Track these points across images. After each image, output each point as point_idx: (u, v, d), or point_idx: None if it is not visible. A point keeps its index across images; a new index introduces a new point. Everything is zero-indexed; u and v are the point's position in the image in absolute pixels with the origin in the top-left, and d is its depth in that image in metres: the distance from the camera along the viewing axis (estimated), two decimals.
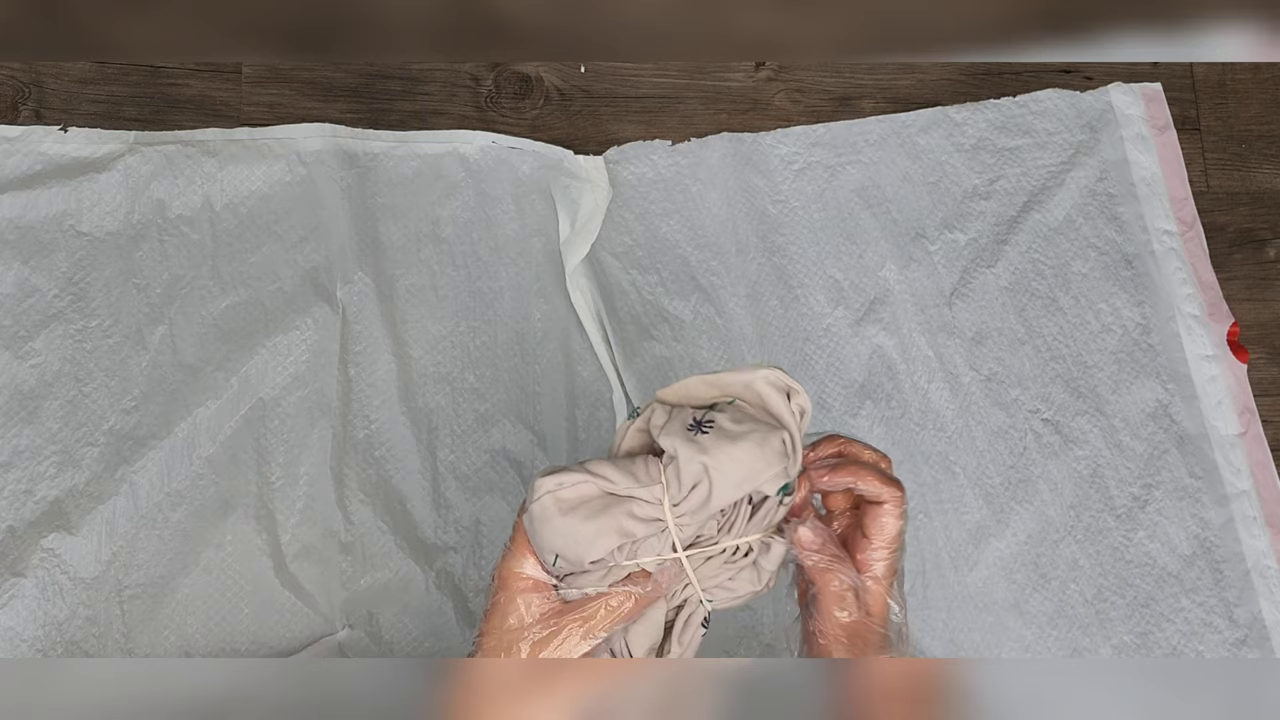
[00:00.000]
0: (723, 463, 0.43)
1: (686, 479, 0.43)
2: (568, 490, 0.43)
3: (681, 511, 0.43)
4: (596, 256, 0.79)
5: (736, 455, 0.43)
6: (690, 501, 0.43)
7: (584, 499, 0.43)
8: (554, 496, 0.43)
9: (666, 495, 0.43)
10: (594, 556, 0.43)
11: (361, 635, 0.68)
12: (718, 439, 0.43)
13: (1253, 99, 0.89)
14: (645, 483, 0.43)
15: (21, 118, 0.77)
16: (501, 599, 0.45)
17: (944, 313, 0.80)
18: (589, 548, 0.43)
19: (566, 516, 0.43)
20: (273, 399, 0.72)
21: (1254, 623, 0.75)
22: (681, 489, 0.43)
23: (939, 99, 0.86)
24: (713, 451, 0.43)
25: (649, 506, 0.43)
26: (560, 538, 0.43)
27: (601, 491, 0.43)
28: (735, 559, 0.45)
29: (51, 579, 0.66)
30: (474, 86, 0.83)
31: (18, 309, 0.72)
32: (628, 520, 0.43)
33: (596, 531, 0.43)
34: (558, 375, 0.76)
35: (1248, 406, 0.80)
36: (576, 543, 0.43)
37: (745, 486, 0.44)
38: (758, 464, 0.43)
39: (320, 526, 0.70)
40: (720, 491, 0.43)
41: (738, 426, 0.44)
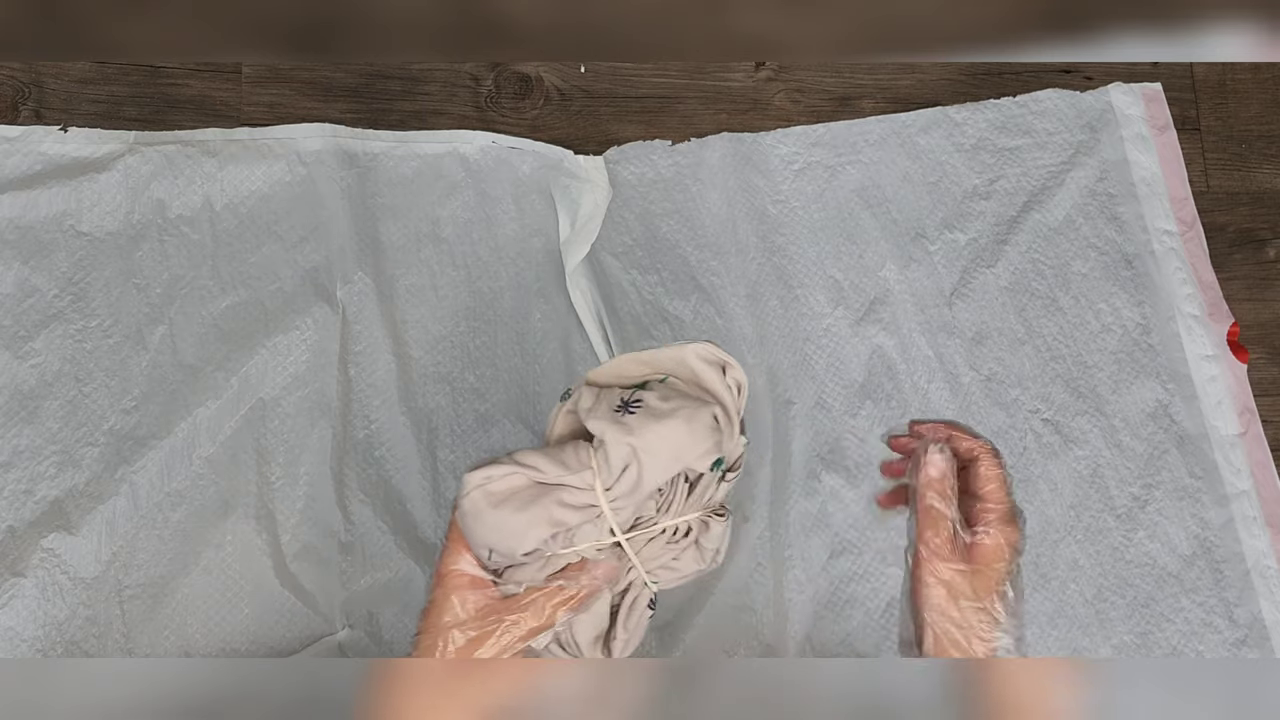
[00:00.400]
0: (650, 442, 0.42)
1: (616, 462, 0.42)
2: (497, 483, 0.42)
3: (614, 495, 0.42)
4: (596, 256, 0.79)
5: (663, 434, 0.42)
6: (622, 484, 0.42)
7: (514, 490, 0.42)
8: (483, 490, 0.42)
9: (599, 480, 0.42)
10: (526, 548, 0.42)
11: (361, 635, 0.68)
12: (644, 419, 0.42)
13: (1253, 99, 0.89)
14: (575, 469, 0.42)
15: (21, 118, 0.77)
16: (438, 595, 0.44)
17: (944, 313, 0.80)
18: (520, 539, 0.42)
19: (497, 509, 0.42)
20: (273, 399, 0.72)
21: (1254, 623, 0.75)
22: (612, 473, 0.42)
23: (939, 99, 0.86)
24: (639, 432, 0.42)
25: (581, 493, 0.42)
26: (492, 532, 0.42)
27: (531, 481, 0.42)
28: (676, 539, 0.45)
29: (51, 579, 0.66)
30: (474, 86, 0.83)
31: (18, 309, 0.72)
32: (559, 509, 0.42)
33: (528, 522, 0.42)
34: (558, 375, 0.76)
35: (1248, 406, 0.80)
36: (508, 535, 0.42)
37: (675, 466, 0.43)
38: (685, 441, 0.42)
39: (320, 526, 0.70)
40: (650, 472, 0.42)
41: (665, 404, 0.43)
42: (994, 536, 0.45)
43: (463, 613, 0.44)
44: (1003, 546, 0.45)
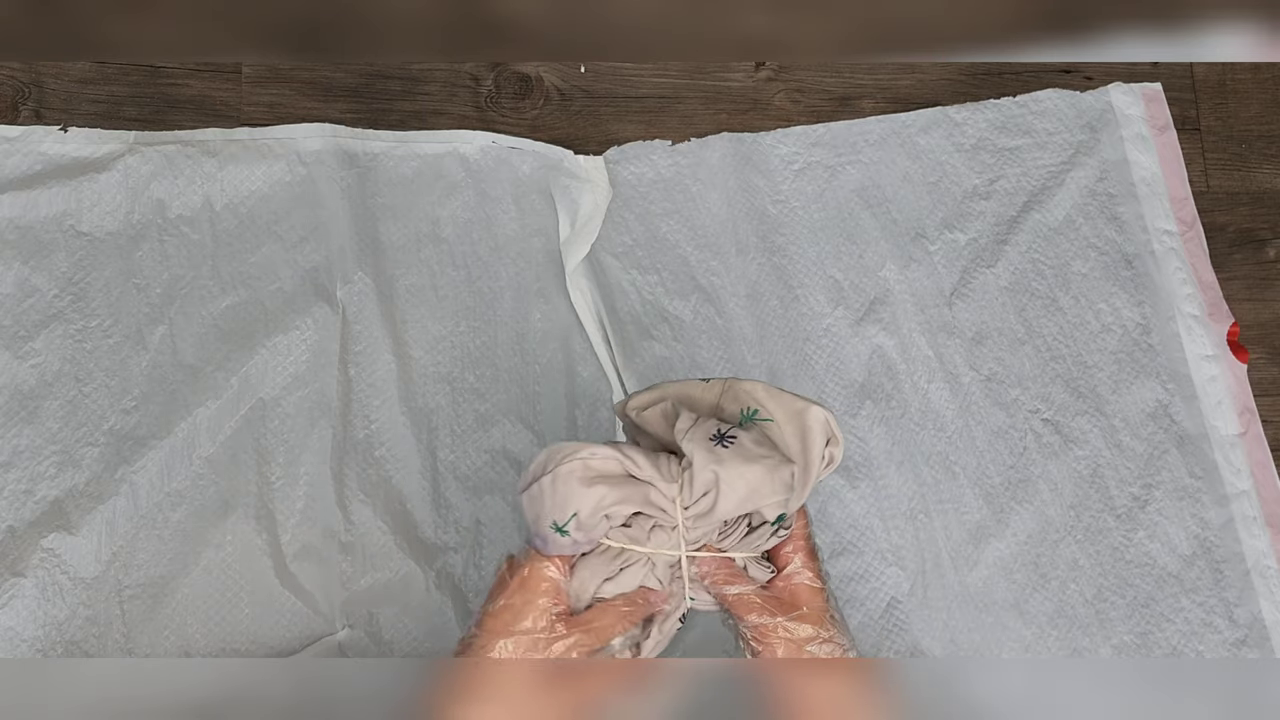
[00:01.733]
0: (733, 477, 0.45)
1: (699, 485, 0.46)
2: (597, 461, 0.46)
3: (689, 514, 0.46)
4: (596, 256, 0.79)
5: (746, 474, 0.45)
6: (699, 505, 0.46)
7: (608, 473, 0.46)
8: (584, 463, 0.46)
9: (680, 496, 0.46)
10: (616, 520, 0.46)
11: (361, 635, 0.68)
12: (735, 455, 0.46)
13: (1253, 99, 0.89)
14: (666, 478, 0.46)
15: (21, 118, 0.77)
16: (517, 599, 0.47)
17: (944, 313, 0.80)
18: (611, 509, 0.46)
19: (592, 484, 0.45)
20: (273, 399, 0.72)
21: (1254, 623, 0.75)
22: (693, 493, 0.46)
23: (939, 99, 0.86)
24: (727, 464, 0.45)
25: (663, 499, 0.46)
26: (583, 500, 0.45)
27: (625, 471, 0.46)
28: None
29: (51, 579, 0.66)
30: (474, 86, 0.83)
31: (18, 309, 0.72)
32: (644, 502, 0.46)
33: (621, 497, 0.45)
34: (558, 375, 0.76)
35: (1248, 406, 0.80)
36: (600, 504, 0.45)
37: (747, 504, 0.46)
38: (763, 487, 0.46)
39: (320, 526, 0.70)
40: (725, 502, 0.46)
41: (756, 448, 0.46)
42: (800, 573, 0.49)
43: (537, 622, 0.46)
44: (811, 580, 0.49)
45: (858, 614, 0.73)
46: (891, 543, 0.74)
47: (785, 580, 0.49)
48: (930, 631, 0.73)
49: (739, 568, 0.49)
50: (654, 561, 0.48)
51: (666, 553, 0.47)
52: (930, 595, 0.73)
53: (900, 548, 0.74)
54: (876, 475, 0.76)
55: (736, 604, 0.48)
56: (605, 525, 0.47)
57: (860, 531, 0.74)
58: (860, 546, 0.74)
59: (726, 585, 0.48)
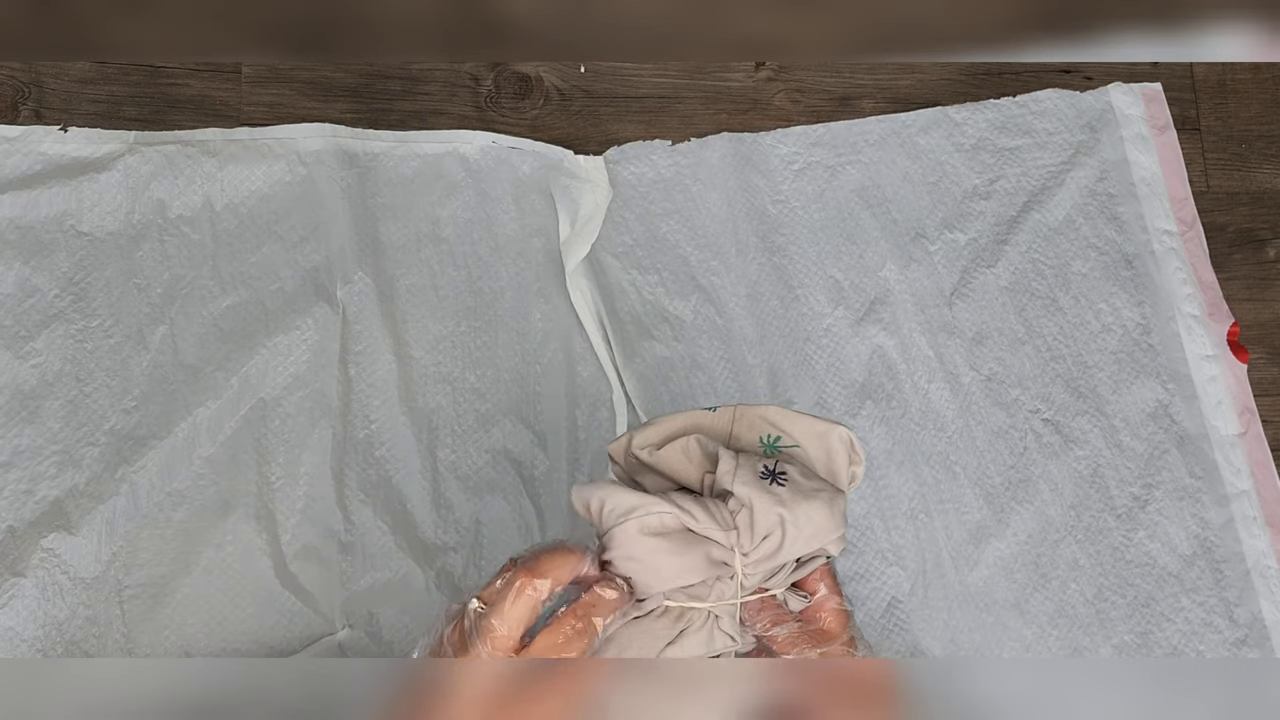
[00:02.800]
0: (799, 517, 0.43)
1: (760, 529, 0.43)
2: (652, 518, 0.42)
3: (749, 560, 0.43)
4: (596, 256, 0.79)
5: (810, 513, 0.43)
6: (760, 550, 0.43)
7: (666, 529, 0.43)
8: (639, 522, 0.42)
9: (739, 544, 0.43)
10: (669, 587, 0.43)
11: (361, 635, 0.68)
12: (794, 493, 0.43)
13: (1253, 99, 0.89)
14: (723, 527, 0.43)
15: (21, 118, 0.77)
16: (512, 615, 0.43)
17: (944, 313, 0.80)
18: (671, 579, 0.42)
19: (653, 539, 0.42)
20: (273, 399, 0.72)
21: (1254, 622, 0.75)
22: (754, 539, 0.43)
23: (939, 99, 0.86)
24: (790, 505, 0.43)
25: (723, 551, 0.43)
26: (638, 564, 0.42)
27: (682, 526, 0.43)
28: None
29: (51, 579, 0.66)
30: (474, 86, 0.83)
31: (18, 309, 0.72)
32: (705, 561, 0.43)
33: (683, 566, 0.42)
34: (558, 375, 0.76)
35: (1248, 406, 0.80)
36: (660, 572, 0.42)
37: (814, 543, 0.44)
38: (828, 524, 0.44)
39: (320, 526, 0.70)
40: (791, 544, 0.43)
41: (809, 483, 0.44)
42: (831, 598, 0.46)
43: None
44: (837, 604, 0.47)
45: (858, 614, 0.73)
46: (892, 542, 0.74)
47: (817, 608, 0.47)
48: (930, 631, 0.73)
49: (780, 603, 0.46)
50: (717, 615, 0.44)
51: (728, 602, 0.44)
52: (930, 595, 0.73)
53: (900, 547, 0.74)
54: (877, 475, 0.76)
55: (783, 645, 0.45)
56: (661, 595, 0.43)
57: (860, 531, 0.74)
58: (860, 546, 0.74)
59: (775, 627, 0.45)
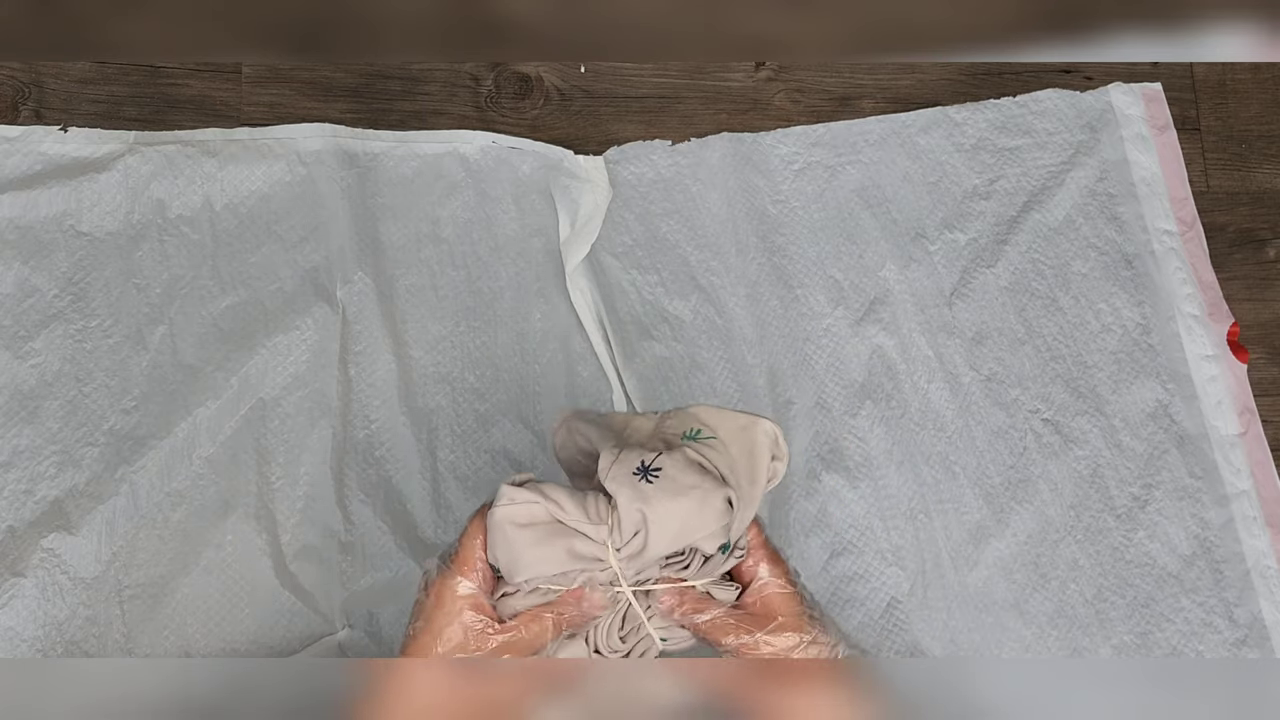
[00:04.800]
0: (660, 515, 0.43)
1: (627, 525, 0.43)
2: (519, 508, 0.43)
3: (623, 555, 0.43)
4: (596, 256, 0.79)
5: (674, 510, 0.43)
6: (630, 546, 0.43)
7: (533, 520, 0.43)
8: (510, 509, 0.43)
9: (611, 538, 0.43)
10: (526, 578, 0.43)
11: (361, 635, 0.68)
12: (660, 490, 0.43)
13: (1253, 99, 0.89)
14: (594, 520, 0.43)
15: (21, 118, 0.77)
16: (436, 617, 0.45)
17: (944, 313, 0.80)
18: (527, 570, 0.43)
19: (519, 531, 0.43)
20: (273, 399, 0.72)
21: (1254, 623, 0.75)
22: (623, 535, 0.43)
23: (939, 99, 0.86)
24: (653, 502, 0.43)
25: (593, 545, 0.43)
26: (505, 551, 0.43)
27: (551, 517, 0.43)
28: None
29: (51, 579, 0.66)
30: (474, 86, 0.83)
31: (18, 309, 0.72)
32: (569, 555, 0.43)
33: (540, 558, 0.43)
34: (558, 375, 0.76)
35: (1248, 406, 0.80)
36: (518, 561, 0.43)
37: (680, 541, 0.44)
38: (694, 521, 0.43)
39: (320, 526, 0.70)
40: (656, 541, 0.43)
41: (685, 478, 0.43)
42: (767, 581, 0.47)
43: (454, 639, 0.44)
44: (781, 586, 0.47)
45: (858, 614, 0.73)
46: (891, 543, 0.74)
47: (756, 593, 0.47)
48: (930, 631, 0.73)
49: (702, 594, 0.46)
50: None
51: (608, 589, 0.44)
52: (930, 595, 0.73)
53: (900, 548, 0.74)
54: (876, 475, 0.76)
55: (711, 630, 0.46)
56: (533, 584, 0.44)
57: (860, 531, 0.74)
58: (860, 546, 0.74)
59: (696, 614, 0.46)
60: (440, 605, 0.45)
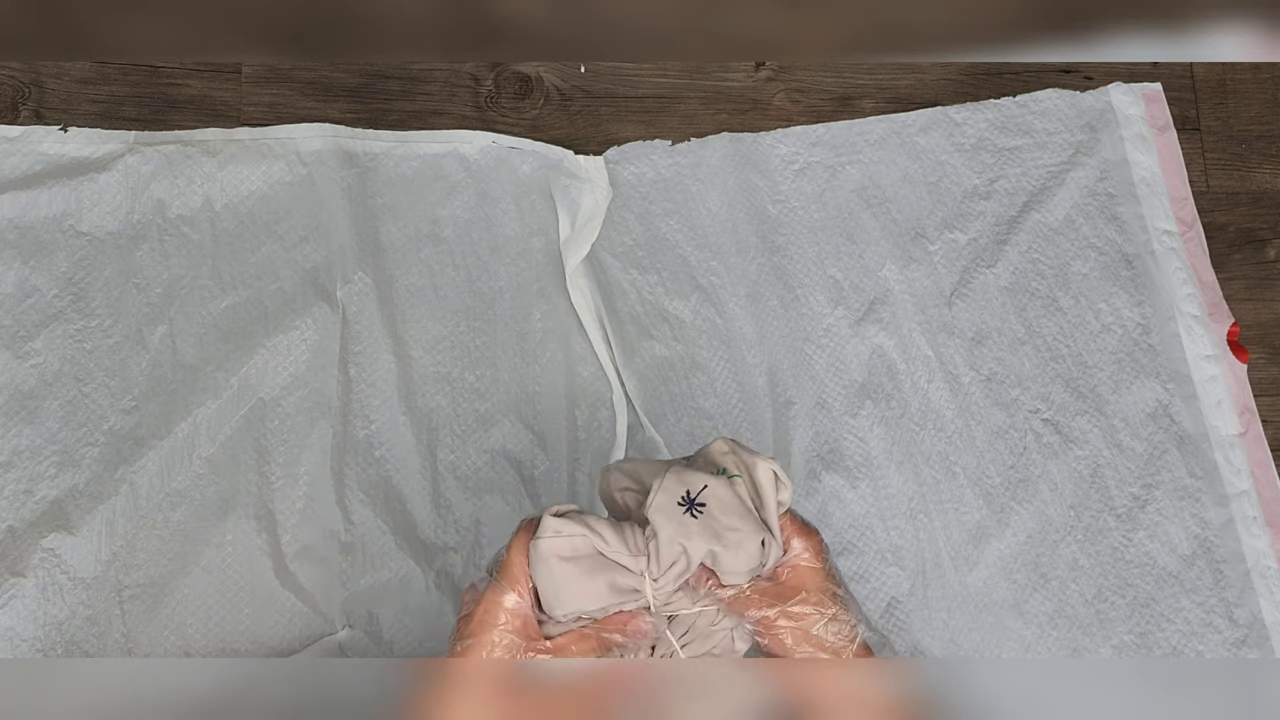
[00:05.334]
0: (700, 553, 0.44)
1: (666, 557, 0.44)
2: (564, 540, 0.44)
3: (659, 587, 0.45)
4: (596, 256, 0.79)
5: (712, 539, 0.44)
6: (668, 576, 0.45)
7: (577, 553, 0.44)
8: (550, 544, 0.44)
9: (649, 569, 0.45)
10: (570, 612, 0.44)
11: (361, 635, 0.68)
12: (704, 526, 0.44)
13: (1253, 99, 0.89)
14: (634, 553, 0.44)
15: (21, 118, 0.77)
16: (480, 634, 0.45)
17: (944, 313, 0.80)
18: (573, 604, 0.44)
19: (563, 565, 0.44)
20: (273, 399, 0.72)
21: (1254, 622, 0.75)
22: (661, 566, 0.44)
23: (939, 99, 0.86)
24: (694, 539, 0.44)
25: (631, 577, 0.45)
26: (548, 583, 0.44)
27: (594, 550, 0.44)
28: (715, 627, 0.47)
29: (51, 579, 0.66)
30: (474, 86, 0.83)
31: (17, 309, 0.72)
32: (609, 588, 0.44)
33: (585, 593, 0.44)
34: (558, 375, 0.76)
35: (1248, 406, 0.80)
36: (563, 595, 0.44)
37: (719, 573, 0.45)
38: (733, 564, 0.45)
39: (320, 526, 0.70)
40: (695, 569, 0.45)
41: (726, 519, 0.45)
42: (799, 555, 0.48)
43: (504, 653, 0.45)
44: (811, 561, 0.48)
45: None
46: (891, 542, 0.74)
47: (787, 565, 0.48)
48: (930, 631, 0.73)
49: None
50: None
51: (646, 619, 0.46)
52: (930, 595, 0.73)
53: (900, 547, 0.74)
54: (876, 475, 0.76)
55: (736, 603, 0.47)
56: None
57: (860, 531, 0.74)
58: (860, 546, 0.74)
59: (722, 589, 0.47)
60: (490, 618, 0.45)
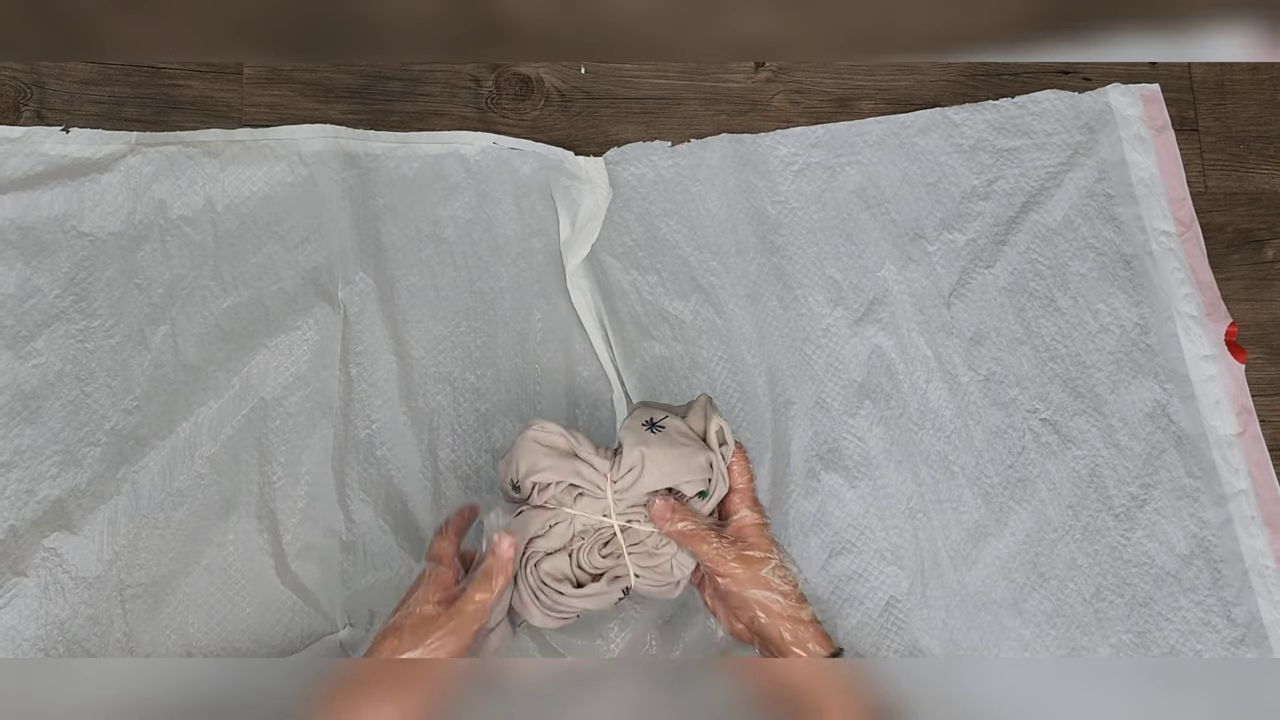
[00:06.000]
0: (657, 457, 0.55)
1: (626, 462, 0.55)
2: (549, 434, 0.56)
3: (617, 488, 0.56)
4: (597, 257, 0.79)
5: (668, 455, 0.55)
6: (624, 480, 0.56)
7: (554, 445, 0.56)
8: (542, 430, 0.57)
9: (610, 472, 0.56)
10: (542, 480, 0.56)
11: (363, 634, 0.69)
12: (661, 440, 0.56)
13: (1251, 99, 0.90)
14: (601, 458, 0.56)
15: (23, 118, 0.78)
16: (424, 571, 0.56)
17: (943, 313, 0.80)
18: (543, 474, 0.55)
19: (543, 448, 0.56)
20: (274, 399, 0.72)
21: (1252, 622, 0.75)
22: (621, 470, 0.55)
23: (938, 100, 0.86)
24: (652, 446, 0.56)
25: (595, 474, 0.56)
26: (527, 459, 0.56)
27: (570, 448, 0.56)
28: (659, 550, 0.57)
29: (53, 578, 0.66)
30: (474, 87, 0.83)
31: (19, 309, 0.72)
32: (574, 475, 0.56)
33: (553, 467, 0.55)
34: (558, 375, 0.76)
35: (1246, 406, 0.80)
36: (537, 466, 0.55)
37: (666, 480, 0.56)
38: (682, 468, 0.56)
39: (322, 526, 0.70)
40: (647, 478, 0.55)
41: (680, 437, 0.57)
42: (745, 515, 0.58)
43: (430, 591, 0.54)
44: (756, 519, 0.57)
45: (856, 613, 0.73)
46: (890, 542, 0.74)
47: (735, 524, 0.57)
48: (929, 630, 0.73)
49: (685, 503, 0.57)
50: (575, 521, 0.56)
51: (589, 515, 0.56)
52: (929, 594, 0.74)
53: (899, 547, 0.74)
54: (875, 475, 0.76)
55: (692, 539, 0.55)
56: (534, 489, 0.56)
57: (859, 531, 0.75)
58: (859, 546, 0.74)
59: (681, 523, 0.55)
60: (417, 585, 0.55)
